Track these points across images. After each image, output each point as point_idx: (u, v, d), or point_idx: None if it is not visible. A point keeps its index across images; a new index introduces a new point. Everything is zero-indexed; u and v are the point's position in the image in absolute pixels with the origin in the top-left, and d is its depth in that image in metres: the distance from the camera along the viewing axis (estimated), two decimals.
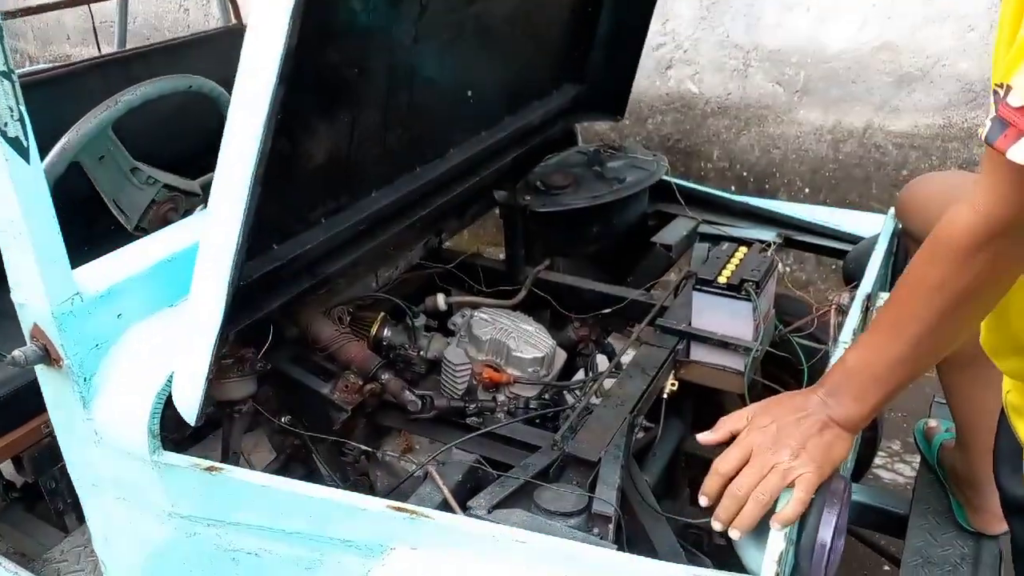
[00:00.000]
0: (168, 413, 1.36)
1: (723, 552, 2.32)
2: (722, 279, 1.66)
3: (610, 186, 2.06)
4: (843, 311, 1.69)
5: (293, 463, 1.66)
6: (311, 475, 1.71)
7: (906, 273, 1.06)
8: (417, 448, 1.80)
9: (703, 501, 1.12)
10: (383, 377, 1.55)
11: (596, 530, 1.27)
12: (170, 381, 1.28)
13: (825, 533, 1.06)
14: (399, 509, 1.17)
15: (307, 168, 1.43)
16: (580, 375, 2.07)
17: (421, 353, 1.88)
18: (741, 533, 1.07)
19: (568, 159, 2.21)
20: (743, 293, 1.63)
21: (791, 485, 1.05)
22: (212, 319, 1.17)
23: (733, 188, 3.71)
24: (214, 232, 1.13)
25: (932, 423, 1.97)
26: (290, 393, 1.60)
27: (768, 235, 2.08)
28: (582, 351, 2.17)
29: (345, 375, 1.55)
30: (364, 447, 1.63)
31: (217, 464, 1.26)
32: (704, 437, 1.19)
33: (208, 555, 1.33)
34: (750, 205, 2.14)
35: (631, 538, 1.56)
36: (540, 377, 1.77)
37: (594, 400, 1.54)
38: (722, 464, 1.10)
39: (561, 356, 1.86)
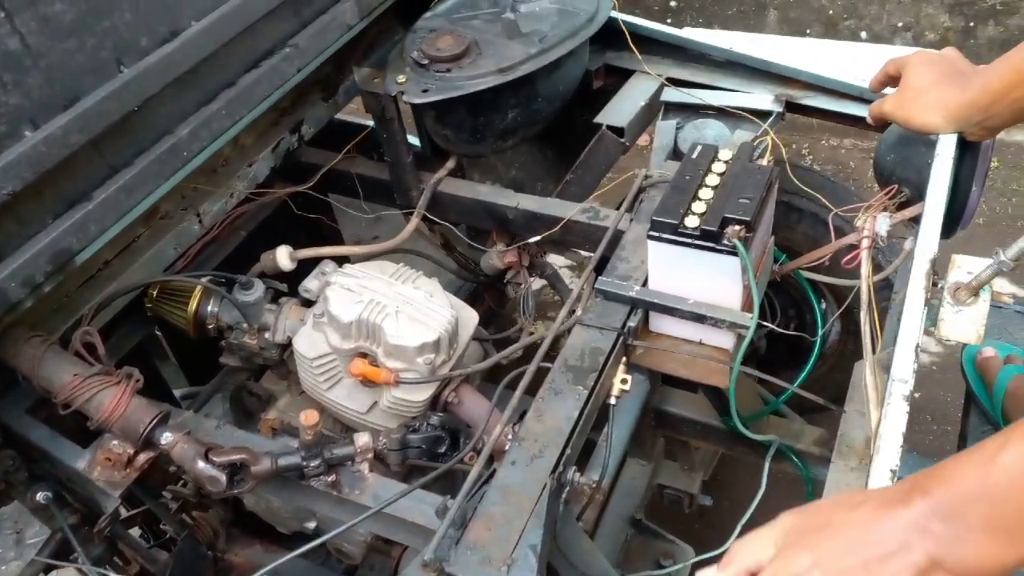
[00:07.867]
0: None
1: (708, 513, 1.91)
2: (692, 219, 1.05)
3: (528, 45, 1.37)
4: (880, 244, 1.10)
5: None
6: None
7: None
8: None
9: None
10: (162, 440, 0.98)
11: None
12: None
13: None
14: None
15: None
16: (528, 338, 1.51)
17: (267, 335, 1.31)
18: None
19: (460, 5, 1.48)
20: (726, 243, 1.03)
21: None
22: None
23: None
24: None
25: (988, 352, 1.42)
26: (41, 461, 1.05)
27: (763, 99, 1.43)
28: (513, 280, 1.60)
29: (104, 442, 0.99)
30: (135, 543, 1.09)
31: None
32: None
33: None
34: (735, 53, 1.47)
35: None
36: (435, 368, 1.20)
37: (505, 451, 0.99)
38: None
39: (469, 323, 1.28)
